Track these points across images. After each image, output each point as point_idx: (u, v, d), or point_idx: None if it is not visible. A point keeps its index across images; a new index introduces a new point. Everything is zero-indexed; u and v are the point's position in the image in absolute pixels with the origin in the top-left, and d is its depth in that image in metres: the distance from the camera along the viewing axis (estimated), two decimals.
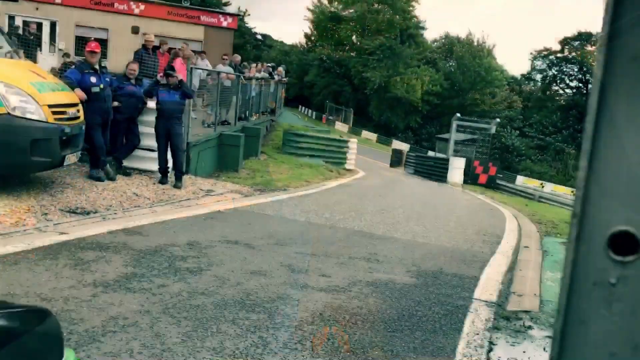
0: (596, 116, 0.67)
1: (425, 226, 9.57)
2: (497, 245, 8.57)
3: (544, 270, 7.13)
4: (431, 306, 5.06)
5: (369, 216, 9.76)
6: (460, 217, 11.44)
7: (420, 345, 4.10)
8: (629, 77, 0.65)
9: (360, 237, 7.78)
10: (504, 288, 6.05)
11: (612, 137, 0.67)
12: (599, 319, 0.68)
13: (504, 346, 4.34)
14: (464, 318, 4.86)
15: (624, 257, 0.67)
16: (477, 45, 54.92)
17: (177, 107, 9.69)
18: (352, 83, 54.35)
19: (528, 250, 8.41)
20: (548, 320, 5.07)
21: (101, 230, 6.29)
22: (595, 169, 0.68)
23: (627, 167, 0.66)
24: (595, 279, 0.69)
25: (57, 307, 3.92)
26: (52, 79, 8.27)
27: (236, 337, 3.80)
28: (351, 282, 5.47)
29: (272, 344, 3.77)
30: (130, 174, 9.86)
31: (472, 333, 4.50)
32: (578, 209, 0.69)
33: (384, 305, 4.92)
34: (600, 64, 0.66)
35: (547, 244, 9.24)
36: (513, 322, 4.94)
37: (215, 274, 5.18)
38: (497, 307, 5.32)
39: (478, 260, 7.31)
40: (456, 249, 7.88)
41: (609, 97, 0.66)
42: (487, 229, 10.16)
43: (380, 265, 6.34)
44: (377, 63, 50.21)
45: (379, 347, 3.96)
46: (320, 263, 6.07)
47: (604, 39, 0.66)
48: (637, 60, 0.65)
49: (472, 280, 6.18)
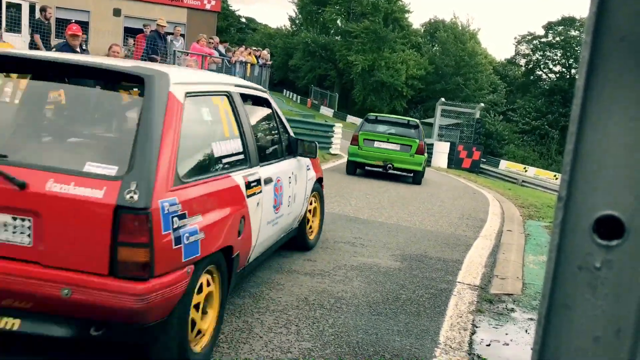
0: (583, 98, 0.66)
1: (410, 210, 9.61)
2: (480, 229, 8.64)
3: (527, 254, 7.21)
4: (415, 289, 5.10)
5: (354, 200, 9.78)
6: (444, 201, 11.51)
7: (405, 328, 4.14)
8: (616, 58, 0.65)
9: (345, 221, 7.79)
10: (487, 271, 6.11)
11: (598, 119, 0.66)
12: (583, 303, 0.68)
13: (486, 328, 4.39)
14: (447, 301, 4.90)
15: (609, 241, 0.67)
16: (461, 29, 54.95)
17: None
18: (337, 67, 54.20)
19: (511, 234, 8.49)
20: (530, 303, 5.14)
21: None
22: (581, 152, 0.67)
23: (614, 150, 0.65)
24: (580, 263, 0.68)
25: None
26: None
27: None
28: (336, 266, 5.49)
29: (257, 328, 3.78)
30: None
31: (455, 316, 4.55)
32: (563, 193, 0.68)
33: (369, 288, 4.94)
34: (587, 45, 0.65)
35: (529, 227, 9.34)
36: (496, 304, 5.00)
37: None
38: (480, 290, 5.38)
39: (462, 243, 7.37)
40: (440, 233, 7.93)
41: (597, 79, 0.66)
42: (470, 213, 10.23)
43: (365, 249, 6.37)
44: (361, 46, 50.06)
45: (363, 330, 3.99)
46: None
47: (592, 20, 0.65)
48: (624, 41, 0.64)
49: (456, 264, 6.24)
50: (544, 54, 58.92)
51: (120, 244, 2.62)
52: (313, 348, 3.60)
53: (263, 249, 4.45)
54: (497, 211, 10.99)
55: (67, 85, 3.66)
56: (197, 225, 2.99)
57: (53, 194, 2.64)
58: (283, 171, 4.76)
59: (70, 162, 2.83)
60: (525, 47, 60.65)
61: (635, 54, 0.64)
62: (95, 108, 3.65)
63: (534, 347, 0.71)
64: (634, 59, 0.64)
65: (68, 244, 2.66)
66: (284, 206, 4.77)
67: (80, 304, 2.63)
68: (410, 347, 3.81)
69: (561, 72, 58.08)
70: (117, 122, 3.56)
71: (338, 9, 54.41)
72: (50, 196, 2.64)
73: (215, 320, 3.36)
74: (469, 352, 3.88)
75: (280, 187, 4.64)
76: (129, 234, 2.63)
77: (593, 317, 0.68)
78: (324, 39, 54.26)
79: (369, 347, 3.73)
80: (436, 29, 56.90)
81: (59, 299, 2.62)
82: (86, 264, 2.64)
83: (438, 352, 3.81)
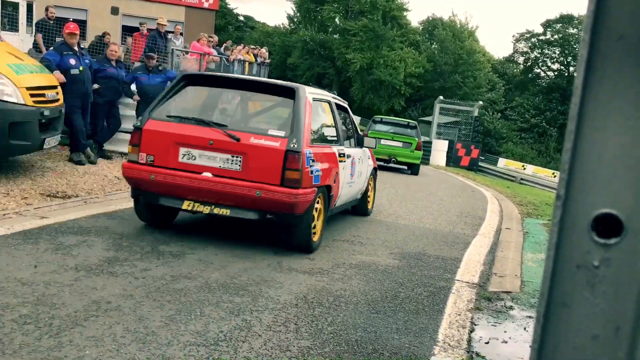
0: (581, 97, 0.66)
1: (408, 208, 9.61)
2: (479, 227, 8.65)
3: (525, 251, 7.22)
4: (414, 287, 5.10)
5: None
6: (442, 200, 11.52)
7: (403, 326, 4.14)
8: (615, 56, 0.65)
9: (344, 219, 7.79)
10: (486, 269, 6.12)
11: (597, 118, 0.66)
12: (582, 301, 0.68)
13: (485, 326, 4.40)
14: (446, 299, 4.91)
15: (608, 239, 0.67)
16: (459, 27, 54.89)
17: (158, 90, 9.57)
18: (335, 65, 54.11)
19: (509, 232, 8.50)
20: (529, 301, 5.15)
21: (82, 214, 6.23)
22: (580, 151, 0.67)
23: (612, 149, 0.66)
24: (578, 261, 0.68)
25: (39, 291, 3.88)
26: (30, 61, 8.11)
27: (220, 320, 3.80)
28: (335, 264, 5.49)
29: (256, 327, 3.78)
30: (111, 157, 9.76)
31: (454, 314, 4.55)
32: (562, 192, 0.68)
33: (367, 287, 4.95)
34: (585, 43, 0.65)
35: (528, 225, 9.35)
36: (494, 302, 5.00)
37: (198, 257, 5.16)
38: (478, 288, 5.38)
39: (460, 241, 7.38)
40: (439, 231, 7.94)
41: (595, 77, 0.66)
42: (469, 211, 10.24)
43: (364, 247, 6.37)
44: (360, 45, 49.99)
45: (362, 329, 3.99)
46: None
47: (590, 18, 0.65)
48: (622, 40, 0.64)
49: (455, 262, 6.24)
50: (542, 51, 58.91)
51: (286, 169, 5.13)
52: (312, 346, 3.60)
53: (342, 202, 6.83)
54: (496, 209, 11.00)
55: (256, 94, 6.37)
56: (319, 167, 5.54)
57: (253, 144, 5.20)
58: (355, 154, 7.13)
59: (261, 129, 5.49)
60: (524, 44, 60.65)
61: (633, 53, 0.64)
62: (270, 103, 6.56)
63: (533, 346, 0.72)
64: (632, 58, 0.64)
65: (260, 169, 5.18)
66: (355, 177, 7.11)
67: (265, 200, 5.12)
68: (409, 345, 3.81)
69: (559, 69, 58.08)
70: (281, 110, 6.18)
71: (336, 7, 54.33)
72: (252, 145, 5.20)
73: (321, 227, 5.94)
74: (467, 350, 3.88)
75: (354, 163, 6.99)
76: (290, 164, 5.13)
77: (592, 315, 0.68)
78: (322, 37, 54.19)
79: (368, 345, 3.74)
80: (434, 26, 56.83)
81: (254, 197, 5.12)
82: (269, 179, 5.15)
83: (437, 350, 3.81)
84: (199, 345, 3.39)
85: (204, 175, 5.27)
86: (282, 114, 6.00)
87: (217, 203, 5.33)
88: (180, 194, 5.37)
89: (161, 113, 5.63)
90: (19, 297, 3.75)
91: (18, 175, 7.58)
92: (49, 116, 7.48)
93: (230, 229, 6.43)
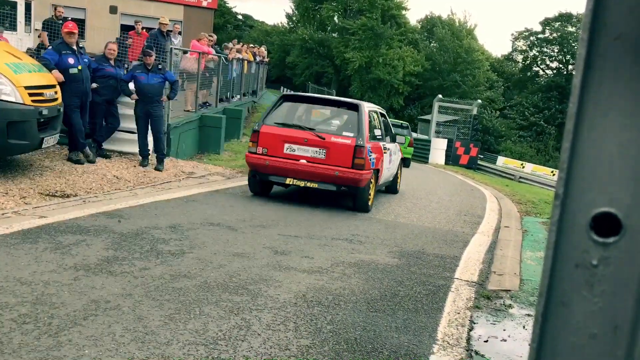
0: (580, 96, 0.66)
1: (407, 207, 9.62)
2: (477, 226, 8.65)
3: (524, 250, 7.23)
4: (413, 286, 5.10)
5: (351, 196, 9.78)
6: (441, 198, 11.52)
7: (403, 324, 4.14)
8: (613, 55, 0.65)
9: (343, 218, 7.80)
10: (485, 267, 6.12)
11: (595, 117, 0.66)
12: (580, 300, 0.68)
13: (484, 325, 4.40)
14: (445, 297, 4.91)
15: (606, 238, 0.67)
16: (458, 25, 54.85)
17: (156, 90, 9.56)
18: (334, 64, 54.05)
19: (508, 230, 8.50)
20: (528, 299, 5.15)
21: (81, 213, 6.22)
22: (578, 150, 0.67)
23: (611, 147, 0.66)
24: (577, 260, 0.68)
25: (38, 291, 3.88)
26: (28, 60, 8.10)
27: (219, 319, 3.80)
28: (334, 263, 5.50)
29: (255, 326, 3.78)
30: (110, 156, 9.75)
31: (453, 312, 4.55)
32: (561, 190, 0.68)
33: (367, 285, 4.95)
34: (584, 43, 0.65)
35: (527, 223, 9.35)
36: (493, 301, 5.01)
37: (197, 256, 5.16)
38: (477, 286, 5.39)
39: (459, 240, 7.38)
40: (438, 230, 7.94)
41: (593, 77, 0.66)
42: (468, 210, 10.24)
43: (363, 246, 6.37)
44: (358, 43, 49.95)
45: (361, 327, 3.99)
46: (303, 244, 6.08)
47: (588, 17, 0.65)
48: (620, 39, 0.64)
49: (454, 260, 6.25)
50: (541, 50, 58.85)
51: (355, 157, 7.92)
52: (311, 345, 3.60)
53: (383, 181, 9.59)
54: (495, 207, 11.01)
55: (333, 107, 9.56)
56: (374, 157, 8.29)
57: (333, 141, 8.05)
58: (391, 147, 9.96)
59: (338, 132, 8.43)
60: (523, 43, 60.59)
61: (631, 51, 0.64)
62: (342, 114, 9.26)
63: (532, 345, 0.72)
64: (630, 56, 0.64)
65: (337, 157, 7.97)
66: (391, 164, 9.95)
67: (340, 177, 7.93)
68: (408, 344, 3.82)
69: (558, 68, 58.04)
70: (350, 119, 8.73)
71: (335, 5, 54.25)
72: (332, 142, 8.04)
73: (373, 196, 8.66)
74: (466, 348, 3.88)
75: (391, 154, 9.85)
76: (358, 154, 7.91)
77: (590, 314, 0.68)
78: (321, 35, 54.14)
79: (367, 343, 3.74)
80: (433, 25, 56.78)
81: (334, 175, 7.95)
82: (343, 164, 7.94)
83: (436, 348, 3.82)
84: (198, 344, 3.39)
85: (300, 162, 8.13)
86: (351, 121, 8.65)
87: (309, 179, 8.16)
88: (284, 174, 8.21)
89: (270, 120, 8.45)
90: (18, 297, 3.75)
91: (17, 174, 7.57)
92: (47, 115, 7.47)
93: (227, 229, 6.43)
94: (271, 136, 8.17)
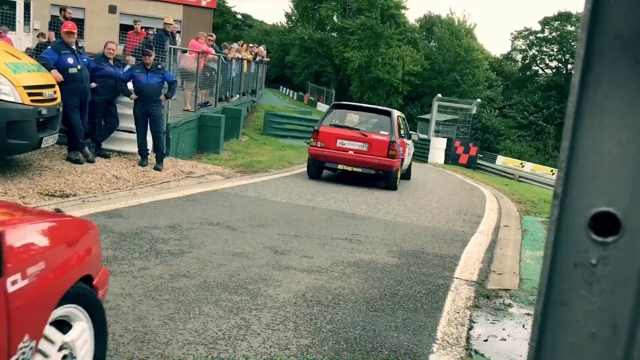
0: (578, 95, 0.66)
1: (407, 206, 9.62)
2: (477, 225, 8.65)
3: (524, 249, 7.23)
4: (413, 285, 5.11)
5: (351, 197, 9.79)
6: (441, 197, 11.53)
7: (402, 324, 4.14)
8: (612, 54, 0.65)
9: (343, 218, 7.80)
10: (484, 267, 6.12)
11: (594, 116, 0.66)
12: (579, 299, 0.68)
13: (484, 324, 4.40)
14: (445, 297, 4.91)
15: (605, 237, 0.67)
16: (457, 25, 54.83)
17: (156, 89, 9.55)
18: (333, 63, 54.03)
19: (508, 229, 8.50)
20: (527, 298, 5.15)
21: (80, 213, 6.22)
22: (577, 149, 0.67)
23: (610, 147, 0.66)
24: (576, 260, 0.68)
25: None
26: (27, 60, 8.10)
27: (219, 319, 3.80)
28: (333, 263, 5.50)
29: (255, 325, 3.78)
30: (109, 156, 9.75)
31: (452, 311, 4.56)
32: (560, 190, 0.68)
33: (366, 285, 4.95)
34: (582, 42, 0.65)
35: (526, 222, 9.36)
36: (493, 300, 5.01)
37: (197, 256, 5.16)
38: (477, 285, 5.39)
39: (459, 239, 7.38)
40: (437, 229, 7.94)
41: (592, 75, 0.66)
42: (467, 209, 10.24)
43: (362, 245, 6.37)
44: (358, 43, 49.93)
45: (361, 327, 3.99)
46: (303, 244, 6.08)
47: (587, 17, 0.65)
48: (619, 39, 0.64)
49: (453, 260, 6.25)
50: (540, 49, 58.83)
51: (389, 149, 11.08)
52: (311, 345, 3.61)
53: (403, 168, 12.12)
54: (494, 207, 11.01)
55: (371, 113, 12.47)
56: (401, 150, 11.53)
57: (373, 138, 11.22)
58: (409, 143, 12.86)
59: (376, 131, 11.47)
60: (522, 42, 60.57)
61: (630, 51, 0.64)
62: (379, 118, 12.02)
63: (531, 344, 0.72)
64: (629, 56, 0.64)
65: (376, 150, 11.08)
66: (409, 156, 13.06)
67: (378, 164, 11.08)
68: (408, 343, 3.82)
69: (557, 67, 58.02)
70: (384, 122, 11.64)
71: (334, 5, 54.23)
72: (372, 138, 11.22)
73: (399, 178, 11.86)
74: (466, 348, 3.89)
75: (408, 148, 12.81)
76: (392, 147, 11.09)
77: (589, 313, 0.68)
78: (320, 35, 54.12)
79: (367, 343, 3.74)
80: (432, 24, 56.75)
81: (374, 163, 11.09)
82: (381, 154, 11.07)
83: (436, 347, 3.82)
84: (197, 344, 3.39)
85: (349, 153, 11.08)
86: (385, 123, 11.54)
87: (355, 165, 11.07)
88: (337, 161, 11.18)
89: (326, 122, 11.55)
90: None
91: (16, 174, 7.57)
92: (46, 115, 7.47)
93: (226, 229, 6.43)
94: (327, 134, 11.20)
